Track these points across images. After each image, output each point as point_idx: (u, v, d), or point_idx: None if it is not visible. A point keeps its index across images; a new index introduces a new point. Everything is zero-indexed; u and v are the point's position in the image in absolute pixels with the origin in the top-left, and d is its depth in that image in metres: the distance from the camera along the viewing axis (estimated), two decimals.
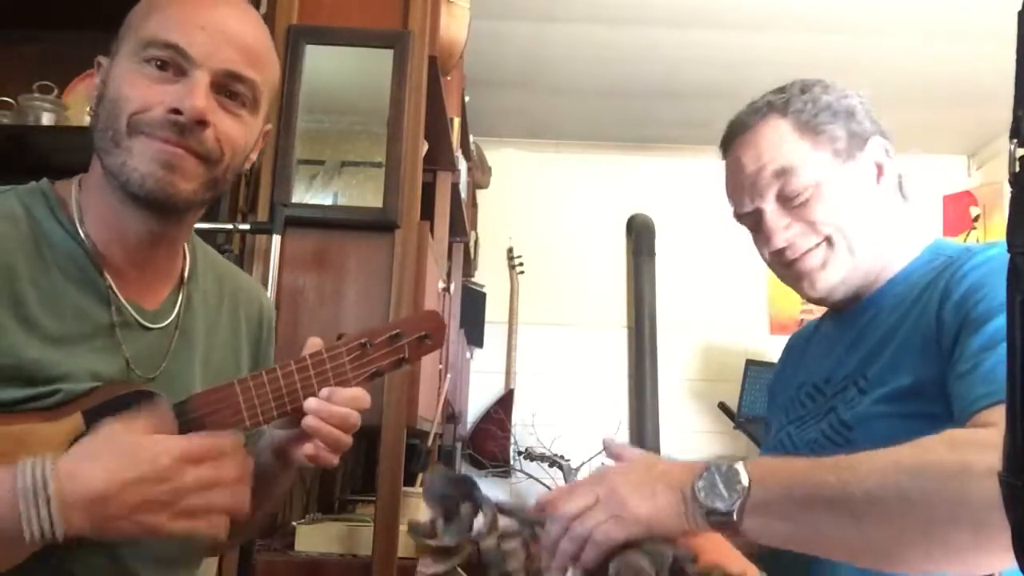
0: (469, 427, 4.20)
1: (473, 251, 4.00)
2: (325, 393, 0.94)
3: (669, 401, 4.29)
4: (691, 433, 4.32)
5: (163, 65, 0.90)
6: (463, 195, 3.08)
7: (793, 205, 1.07)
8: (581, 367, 4.35)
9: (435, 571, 0.86)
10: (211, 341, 1.05)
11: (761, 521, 0.81)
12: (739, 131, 1.12)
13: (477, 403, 4.29)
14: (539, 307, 4.40)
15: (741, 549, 0.88)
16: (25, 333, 0.86)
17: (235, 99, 0.94)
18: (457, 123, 2.75)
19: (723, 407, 4.05)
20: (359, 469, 2.94)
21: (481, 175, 4.09)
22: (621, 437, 4.25)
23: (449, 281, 2.80)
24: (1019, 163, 0.41)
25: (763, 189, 1.08)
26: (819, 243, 1.07)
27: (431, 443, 2.45)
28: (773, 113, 1.09)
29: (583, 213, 4.50)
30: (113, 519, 0.75)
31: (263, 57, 0.96)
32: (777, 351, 1.34)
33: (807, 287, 1.09)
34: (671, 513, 0.83)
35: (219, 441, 0.81)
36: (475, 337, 4.09)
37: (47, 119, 1.98)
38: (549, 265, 4.44)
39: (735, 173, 1.12)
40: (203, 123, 0.90)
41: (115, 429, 0.81)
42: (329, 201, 1.96)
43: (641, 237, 4.45)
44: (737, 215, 1.14)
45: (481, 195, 4.29)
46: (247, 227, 1.82)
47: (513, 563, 0.86)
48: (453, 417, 3.43)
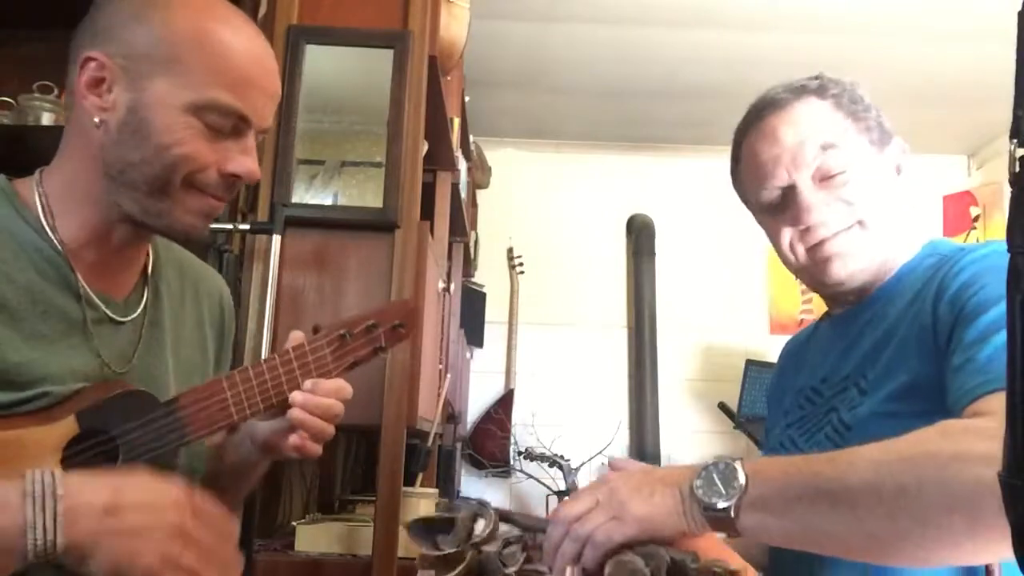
0: (469, 427, 4.20)
1: (473, 251, 4.01)
2: (309, 385, 0.96)
3: (669, 401, 4.29)
4: (691, 433, 4.32)
5: (222, 127, 0.91)
6: (463, 195, 3.08)
7: (831, 184, 1.04)
8: (581, 367, 4.35)
9: None
10: (178, 332, 1.05)
11: (759, 517, 0.81)
12: (773, 107, 1.08)
13: (477, 403, 4.29)
14: (539, 307, 4.40)
15: (739, 552, 0.89)
16: (5, 334, 0.85)
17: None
18: (457, 123, 2.76)
19: (723, 407, 4.05)
20: (359, 469, 2.94)
21: (481, 175, 4.09)
22: (621, 437, 4.26)
23: (449, 281, 2.80)
24: (1019, 163, 0.41)
25: (803, 162, 1.04)
26: (851, 225, 1.04)
27: (431, 443, 2.45)
28: (809, 94, 1.08)
29: (583, 213, 4.50)
30: (113, 535, 0.74)
31: (279, 96, 1.00)
32: (777, 351, 1.34)
33: (833, 270, 1.05)
34: (670, 512, 0.84)
35: (224, 515, 0.82)
36: (475, 337, 4.09)
37: (47, 119, 1.98)
38: (549, 265, 4.44)
39: (769, 147, 1.07)
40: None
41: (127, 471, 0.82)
42: (329, 201, 1.96)
43: (641, 237, 4.46)
44: (757, 198, 1.10)
45: (481, 195, 4.29)
46: (247, 227, 1.82)
47: (512, 566, 0.87)
48: (453, 417, 3.43)
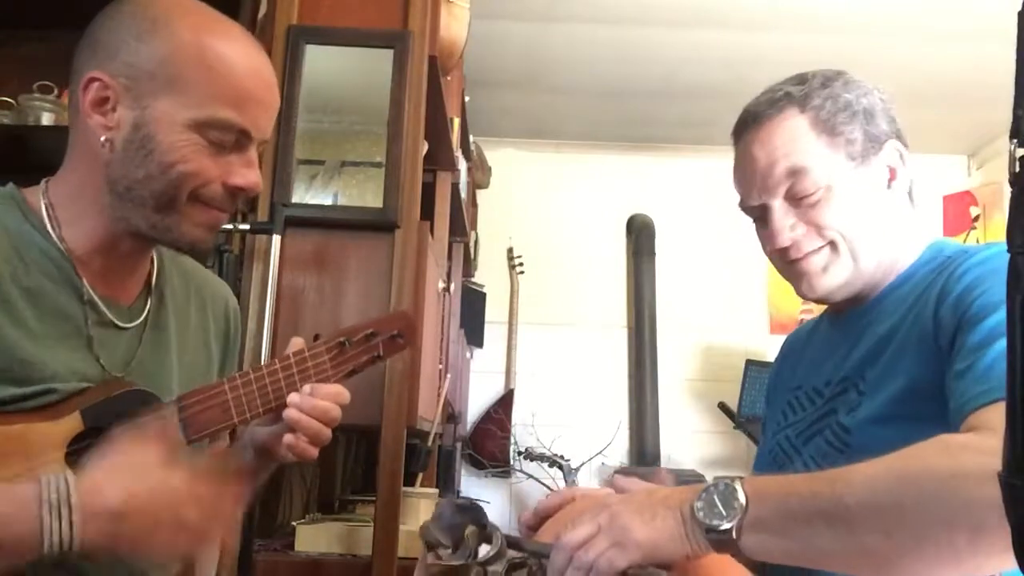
0: (469, 427, 4.20)
1: (473, 251, 4.01)
2: (307, 389, 0.98)
3: (669, 401, 4.29)
4: (691, 433, 4.32)
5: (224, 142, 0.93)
6: (463, 195, 3.08)
7: (801, 205, 1.05)
8: (581, 367, 4.35)
9: None
10: (183, 337, 1.07)
11: (760, 538, 0.81)
12: (753, 122, 1.08)
13: (477, 403, 4.29)
14: (539, 307, 4.40)
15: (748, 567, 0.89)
16: (13, 332, 0.87)
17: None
18: (457, 123, 2.76)
19: (723, 407, 4.05)
20: (359, 469, 2.95)
21: (481, 175, 4.09)
22: (621, 437, 4.26)
23: (449, 281, 2.80)
24: (1019, 163, 0.41)
25: (773, 186, 1.05)
26: (823, 246, 1.05)
27: (431, 443, 2.45)
28: (791, 107, 1.06)
29: (583, 213, 4.50)
30: (124, 536, 0.78)
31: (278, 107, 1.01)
32: (777, 351, 1.34)
33: (806, 288, 1.08)
34: (671, 535, 0.83)
35: (222, 489, 0.85)
36: (475, 337, 4.09)
37: (47, 119, 1.99)
38: (549, 265, 4.44)
39: (746, 164, 1.09)
40: None
41: (128, 444, 0.82)
42: (329, 201, 1.96)
43: (641, 237, 4.46)
44: (743, 206, 1.12)
45: (481, 195, 4.29)
46: (247, 227, 1.82)
47: None
48: (453, 417, 3.43)
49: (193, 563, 0.95)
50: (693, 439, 4.31)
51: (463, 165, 3.05)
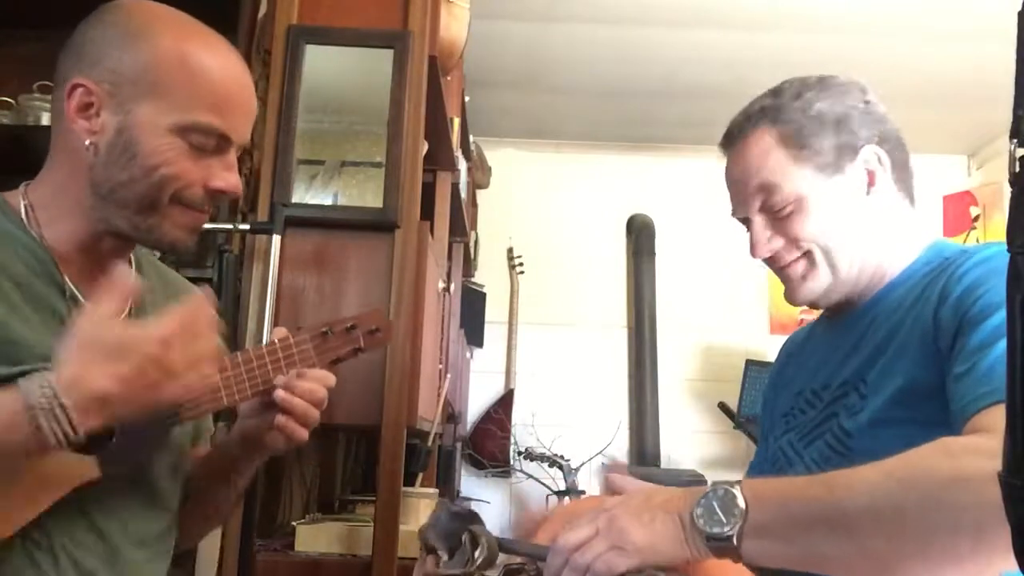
0: (469, 427, 4.20)
1: (473, 251, 4.01)
2: (294, 373, 1.01)
3: (669, 401, 4.29)
4: (691, 433, 4.32)
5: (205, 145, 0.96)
6: (463, 195, 3.08)
7: (777, 218, 1.08)
8: (581, 367, 4.35)
9: None
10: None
11: (760, 543, 0.81)
12: (731, 139, 1.14)
13: (477, 403, 4.29)
14: (539, 307, 4.40)
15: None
16: (3, 313, 0.89)
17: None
18: (457, 123, 2.75)
19: (723, 407, 4.05)
20: (359, 469, 2.95)
21: (481, 175, 4.09)
22: (621, 437, 4.25)
23: (449, 281, 2.80)
24: (1019, 163, 0.41)
25: (748, 201, 1.11)
26: (799, 257, 1.09)
27: (431, 443, 2.45)
28: (763, 122, 1.09)
29: (583, 213, 4.50)
30: (121, 408, 0.81)
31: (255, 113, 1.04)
32: (777, 351, 1.34)
33: (789, 295, 1.13)
34: (671, 541, 0.83)
35: (189, 309, 0.85)
36: (475, 337, 4.09)
37: (47, 119, 1.98)
38: (549, 265, 4.44)
39: (728, 179, 1.15)
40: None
41: (86, 321, 0.83)
42: (329, 201, 1.96)
43: (641, 237, 4.45)
44: (733, 216, 1.17)
45: (481, 195, 4.29)
46: (247, 227, 1.82)
47: None
48: (453, 417, 3.43)
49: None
50: (693, 439, 4.31)
51: (463, 165, 3.05)
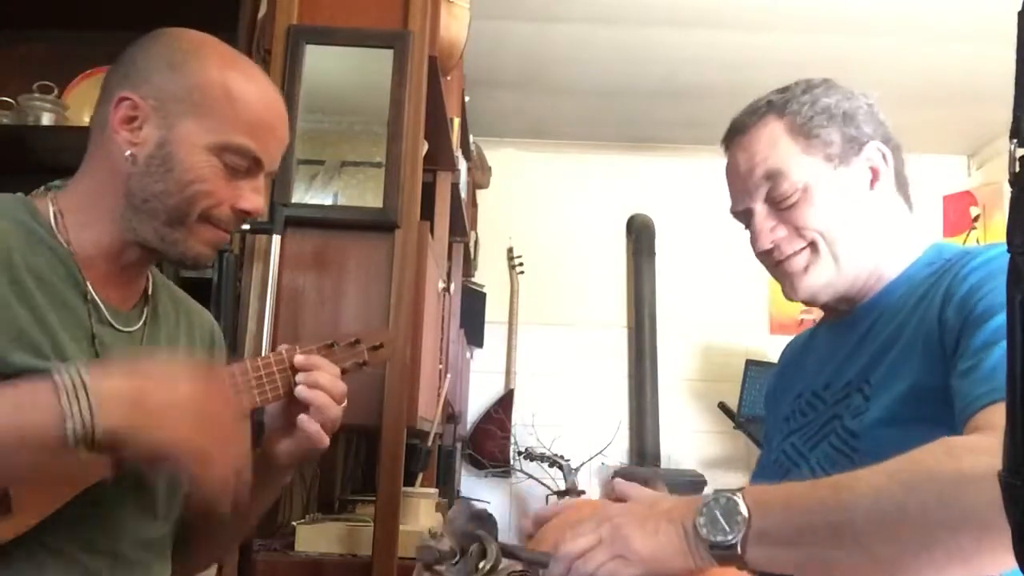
0: (469, 427, 4.20)
1: (473, 251, 4.00)
2: (301, 358, 1.04)
3: (669, 401, 4.29)
4: (691, 433, 4.32)
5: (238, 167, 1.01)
6: (463, 195, 3.08)
7: (781, 208, 1.07)
8: (581, 367, 4.35)
9: None
10: (172, 353, 1.10)
11: (765, 550, 0.81)
12: (736, 131, 1.13)
13: (477, 403, 4.29)
14: (539, 307, 4.40)
15: None
16: (25, 309, 0.91)
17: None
18: (457, 123, 2.75)
19: (723, 407, 4.05)
20: (359, 469, 2.94)
21: (481, 175, 4.09)
22: (621, 437, 4.25)
23: (449, 281, 2.80)
24: (1019, 163, 0.41)
25: (753, 190, 1.09)
26: (803, 247, 1.07)
27: (431, 443, 2.45)
28: (771, 113, 1.10)
29: (583, 213, 4.50)
30: (141, 422, 0.81)
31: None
32: (777, 351, 1.34)
33: (789, 289, 1.11)
34: (674, 550, 0.83)
35: (233, 399, 0.90)
36: (475, 337, 4.09)
37: (47, 119, 1.98)
38: (549, 265, 4.44)
39: (731, 173, 1.14)
40: None
41: (132, 362, 0.88)
42: (329, 201, 1.96)
43: (641, 237, 4.45)
44: (732, 212, 1.16)
45: (481, 195, 4.29)
46: (247, 227, 1.82)
47: None
48: (453, 417, 3.43)
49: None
50: (693, 439, 4.31)
51: (463, 165, 3.05)
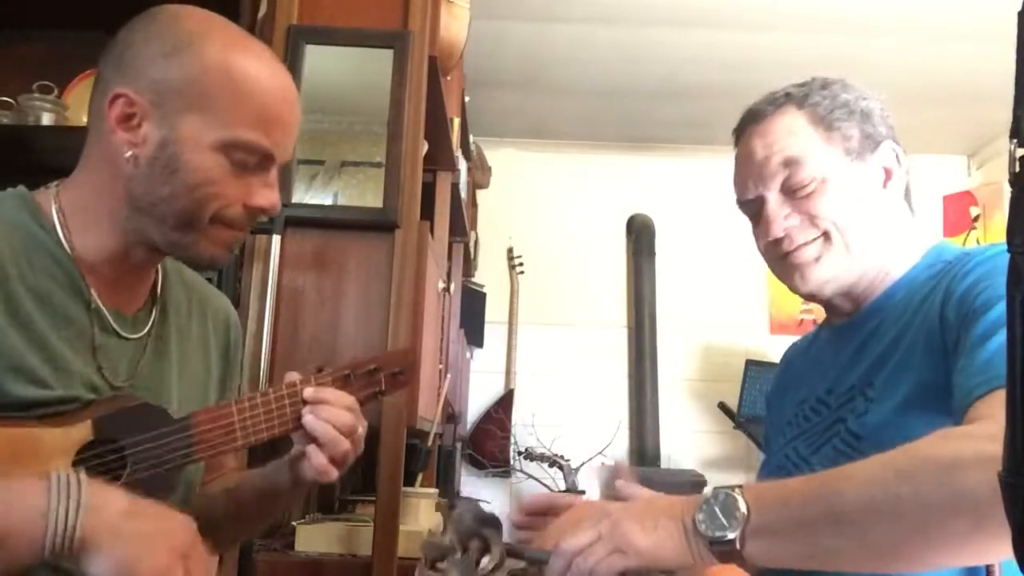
0: (469, 427, 4.20)
1: (473, 251, 4.00)
2: (310, 391, 0.98)
3: (669, 401, 4.29)
4: (691, 433, 4.32)
5: (247, 163, 0.94)
6: (463, 195, 3.08)
7: (796, 197, 1.06)
8: (581, 367, 4.35)
9: None
10: (184, 349, 1.07)
11: (764, 544, 0.81)
12: (753, 119, 1.11)
13: (477, 403, 4.29)
14: (539, 307, 4.40)
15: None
16: (21, 334, 0.87)
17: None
18: (457, 123, 2.75)
19: (723, 407, 4.05)
20: (359, 469, 2.94)
21: (481, 175, 4.09)
22: (621, 437, 4.25)
23: (449, 281, 2.80)
24: (1019, 163, 0.41)
25: (769, 177, 1.07)
26: (816, 237, 1.06)
27: (431, 443, 2.45)
28: (790, 104, 1.09)
29: (583, 213, 4.50)
30: (125, 535, 0.76)
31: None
32: (777, 351, 1.33)
33: (798, 280, 1.08)
34: (674, 546, 0.84)
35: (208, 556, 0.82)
36: (475, 337, 4.09)
37: (47, 119, 1.98)
38: (549, 265, 4.44)
39: (744, 160, 1.11)
40: None
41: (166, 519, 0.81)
42: (329, 201, 1.96)
43: (641, 237, 4.45)
44: (740, 202, 1.13)
45: (481, 195, 4.29)
46: None
47: None
48: (453, 417, 3.43)
49: None
50: (693, 439, 4.31)
51: (463, 165, 3.05)
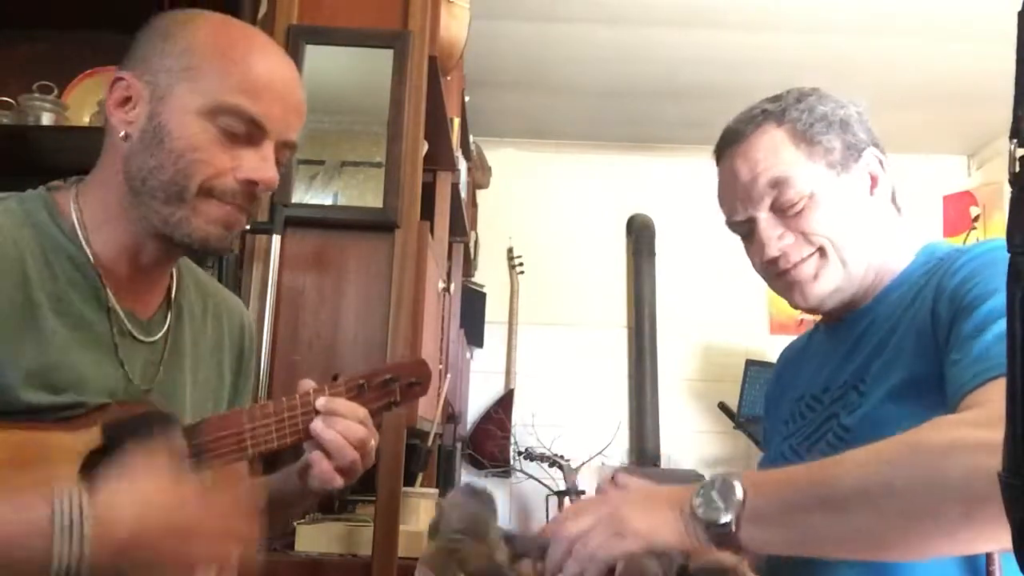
0: (469, 427, 4.20)
1: (473, 251, 4.00)
2: (322, 402, 0.98)
3: (669, 401, 4.29)
4: (691, 433, 4.32)
5: (236, 131, 0.92)
6: (463, 195, 3.08)
7: (787, 215, 1.07)
8: (581, 367, 4.35)
9: None
10: (197, 352, 1.07)
11: (759, 529, 0.82)
12: (733, 140, 1.11)
13: (477, 403, 4.29)
14: (539, 307, 4.39)
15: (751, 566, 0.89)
16: (41, 339, 0.88)
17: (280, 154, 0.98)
18: (457, 123, 2.75)
19: (723, 407, 4.05)
20: None
21: (481, 175, 4.09)
22: (621, 437, 4.25)
23: (449, 281, 2.80)
24: (1019, 163, 0.41)
25: (757, 199, 1.08)
26: (812, 253, 1.07)
27: (431, 443, 2.45)
28: (768, 122, 1.08)
29: (583, 213, 4.50)
30: (133, 562, 0.77)
31: (304, 116, 1.00)
32: (777, 351, 1.34)
33: (798, 297, 1.09)
34: (671, 529, 0.85)
35: (233, 492, 0.84)
36: (475, 337, 4.09)
37: (47, 119, 1.98)
38: (549, 265, 4.43)
39: (729, 182, 1.12)
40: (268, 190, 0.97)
41: (139, 465, 0.81)
42: (329, 201, 1.96)
43: (641, 237, 4.45)
44: (729, 223, 1.14)
45: (481, 195, 4.29)
46: (247, 227, 1.81)
47: None
48: (453, 417, 3.42)
49: None
50: (693, 439, 4.31)
51: (463, 165, 3.05)
